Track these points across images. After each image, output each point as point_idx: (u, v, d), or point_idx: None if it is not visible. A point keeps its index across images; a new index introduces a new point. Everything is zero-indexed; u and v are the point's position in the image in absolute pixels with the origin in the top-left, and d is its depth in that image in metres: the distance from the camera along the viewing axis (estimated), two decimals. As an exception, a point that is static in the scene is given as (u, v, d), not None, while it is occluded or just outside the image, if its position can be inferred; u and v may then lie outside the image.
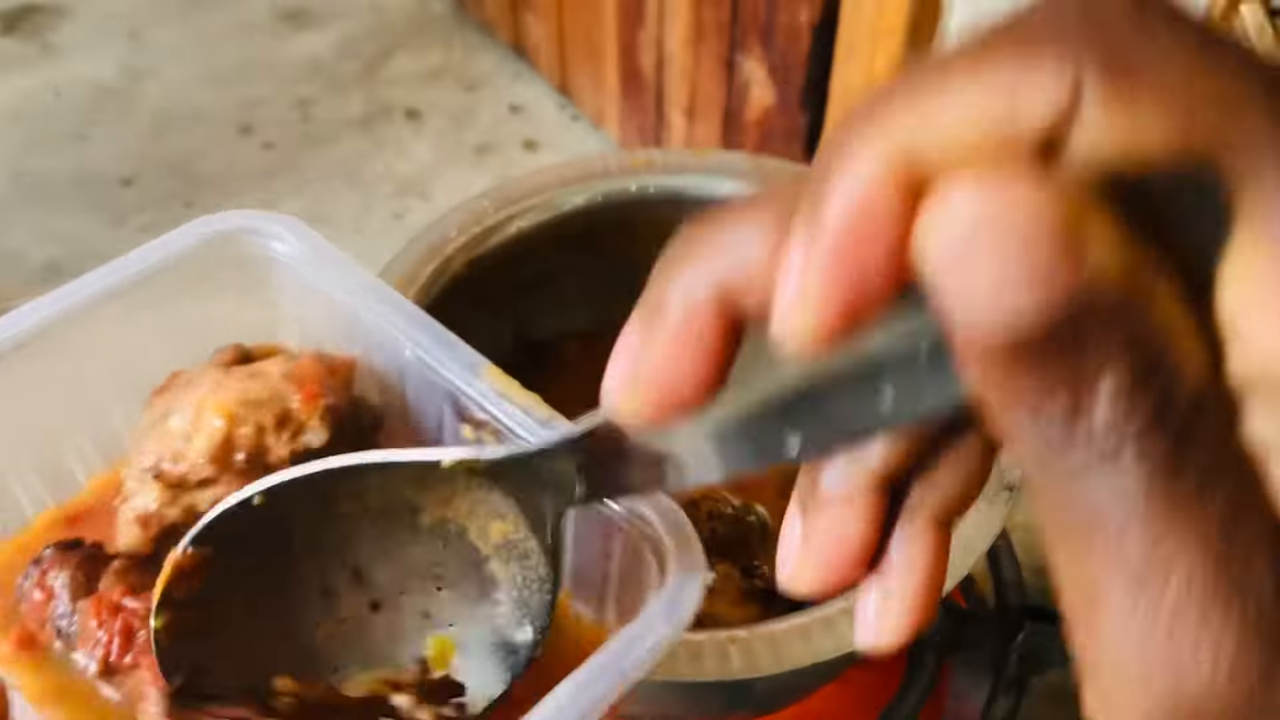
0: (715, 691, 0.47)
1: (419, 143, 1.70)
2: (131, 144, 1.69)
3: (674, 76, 1.43)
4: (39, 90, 1.78)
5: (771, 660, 0.42)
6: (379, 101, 1.77)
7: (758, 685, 0.47)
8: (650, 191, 0.60)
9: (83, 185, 1.63)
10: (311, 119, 1.74)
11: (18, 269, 1.50)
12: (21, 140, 1.70)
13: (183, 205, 1.59)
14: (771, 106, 1.28)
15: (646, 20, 1.42)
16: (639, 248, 0.62)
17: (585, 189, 0.60)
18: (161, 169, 1.65)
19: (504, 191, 0.59)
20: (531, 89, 1.78)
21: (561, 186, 0.59)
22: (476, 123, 1.74)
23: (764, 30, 1.24)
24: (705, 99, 1.39)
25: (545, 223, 0.59)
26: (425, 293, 0.55)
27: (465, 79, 1.81)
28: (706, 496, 0.54)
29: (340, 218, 1.59)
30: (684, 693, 0.47)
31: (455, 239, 0.57)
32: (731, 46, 1.30)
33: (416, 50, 1.86)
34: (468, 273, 0.57)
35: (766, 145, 1.31)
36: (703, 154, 0.61)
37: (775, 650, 0.42)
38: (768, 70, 1.26)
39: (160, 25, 1.91)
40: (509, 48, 1.83)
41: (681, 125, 1.46)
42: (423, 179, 1.65)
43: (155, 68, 1.83)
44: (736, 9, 1.26)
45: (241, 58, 1.85)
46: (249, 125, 1.73)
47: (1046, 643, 0.55)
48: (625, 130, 1.60)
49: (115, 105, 1.76)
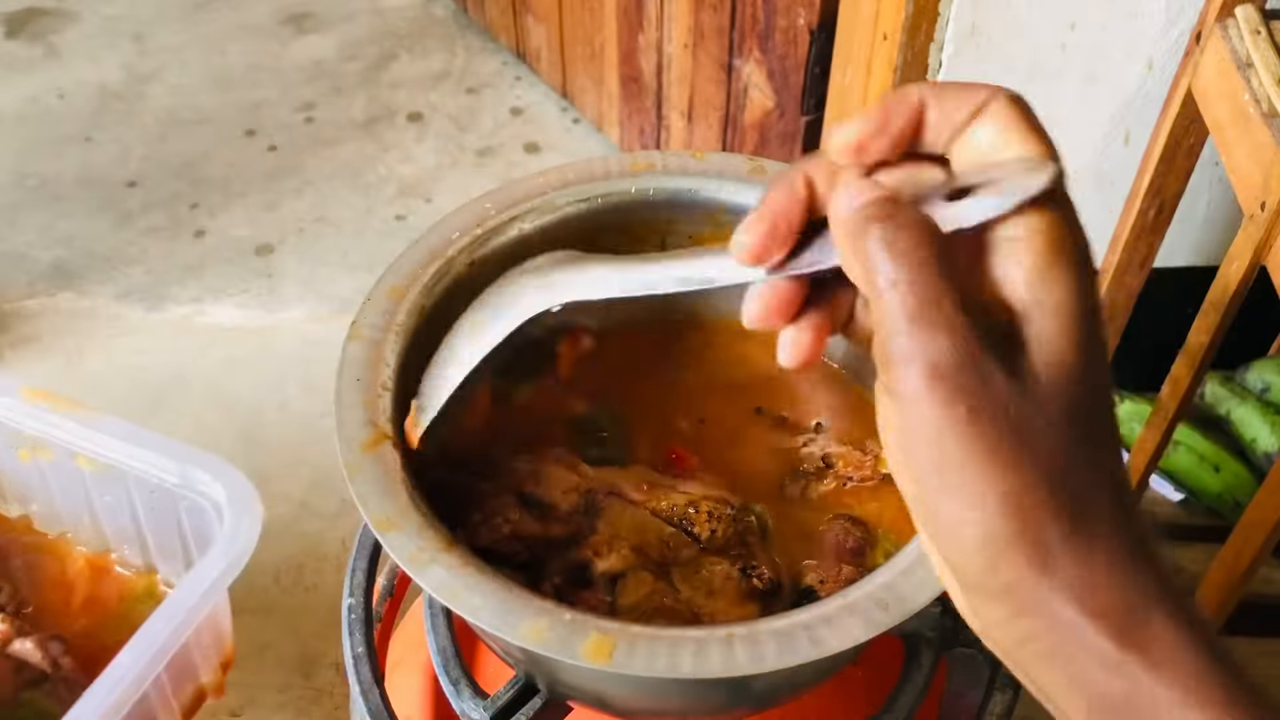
0: (716, 688, 0.47)
1: (421, 145, 1.71)
2: (136, 146, 1.70)
3: (674, 80, 1.43)
4: (44, 93, 1.79)
5: (773, 656, 0.43)
6: (382, 104, 1.78)
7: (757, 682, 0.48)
8: (651, 193, 0.60)
9: (88, 187, 1.64)
10: (315, 122, 1.75)
11: (24, 270, 1.51)
12: (26, 143, 1.70)
13: (187, 207, 1.60)
14: (770, 109, 1.29)
15: (646, 24, 1.43)
16: (640, 249, 0.63)
17: (586, 191, 0.60)
18: (166, 171, 1.66)
19: (506, 193, 0.59)
20: (533, 92, 1.79)
21: (563, 188, 0.60)
22: (478, 125, 1.75)
23: (763, 34, 1.24)
24: (705, 102, 1.40)
25: (547, 224, 0.59)
26: (427, 294, 0.55)
27: (467, 82, 1.82)
28: (706, 496, 0.54)
29: (343, 219, 1.60)
30: (685, 689, 0.48)
31: (457, 240, 0.57)
32: (730, 50, 1.31)
33: (419, 54, 1.87)
34: (469, 274, 0.57)
35: (765, 147, 1.32)
36: (703, 156, 0.62)
37: (776, 646, 0.43)
38: (766, 74, 1.27)
39: (164, 28, 1.92)
40: (510, 51, 1.84)
41: (681, 128, 1.47)
42: (425, 181, 1.66)
43: (160, 71, 1.83)
44: (735, 13, 1.27)
45: (245, 61, 1.85)
46: (253, 128, 1.73)
47: (1042, 640, 0.55)
48: (625, 133, 1.61)
49: (120, 108, 1.76)
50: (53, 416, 0.88)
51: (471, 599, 0.44)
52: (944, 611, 0.56)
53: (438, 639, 0.57)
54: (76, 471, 0.90)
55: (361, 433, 0.49)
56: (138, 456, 0.86)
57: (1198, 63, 0.86)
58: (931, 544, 0.33)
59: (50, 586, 0.96)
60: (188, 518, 0.88)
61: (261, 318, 1.46)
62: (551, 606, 0.44)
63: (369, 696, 0.58)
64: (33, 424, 0.89)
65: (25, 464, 0.94)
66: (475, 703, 0.53)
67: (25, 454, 0.93)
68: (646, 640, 0.43)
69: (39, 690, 0.82)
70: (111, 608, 0.96)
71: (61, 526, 0.99)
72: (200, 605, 0.76)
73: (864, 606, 0.44)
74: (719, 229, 0.62)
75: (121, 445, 0.86)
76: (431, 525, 0.47)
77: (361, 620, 0.61)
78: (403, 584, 0.69)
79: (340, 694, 1.07)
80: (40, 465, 0.93)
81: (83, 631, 0.94)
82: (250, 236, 1.56)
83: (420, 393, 0.50)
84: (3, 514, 1.01)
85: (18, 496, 0.99)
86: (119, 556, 0.98)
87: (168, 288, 1.49)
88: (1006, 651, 0.33)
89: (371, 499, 0.47)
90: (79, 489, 0.93)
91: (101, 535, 0.97)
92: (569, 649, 0.43)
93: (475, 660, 0.64)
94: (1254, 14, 0.83)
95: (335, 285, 1.50)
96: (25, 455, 0.93)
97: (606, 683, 0.49)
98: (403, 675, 0.67)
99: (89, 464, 0.89)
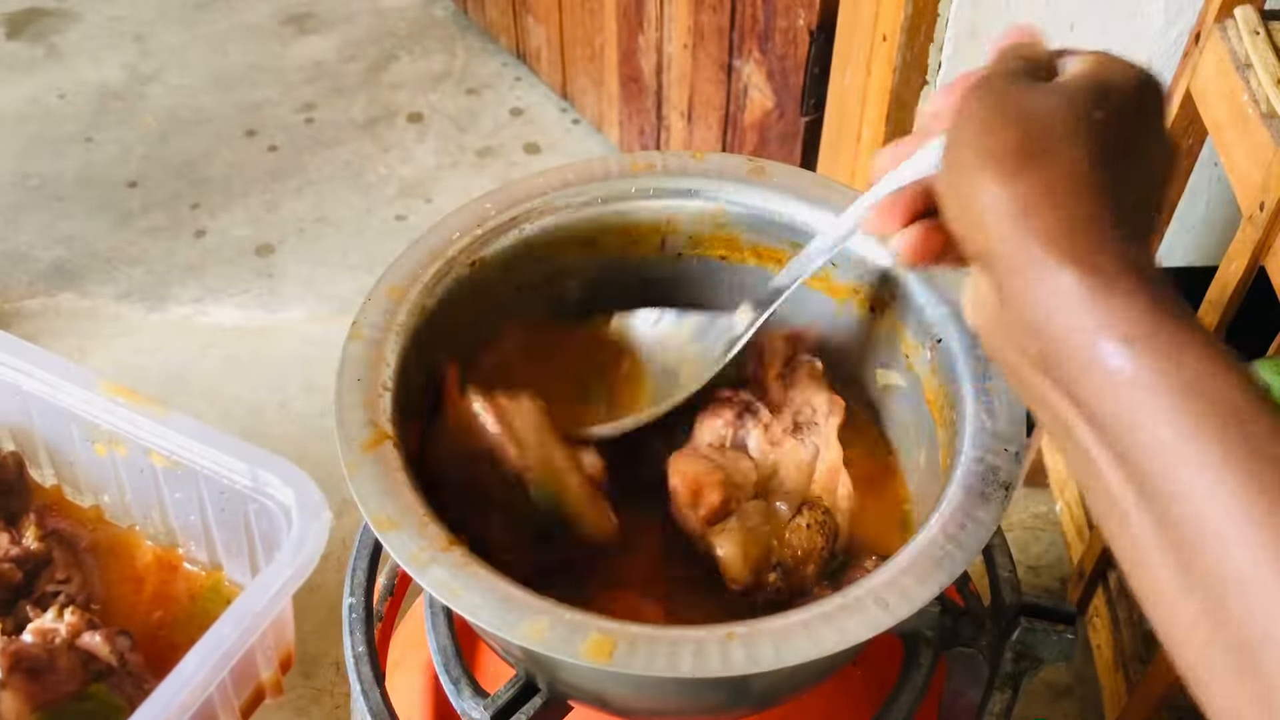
0: (715, 688, 0.48)
1: (421, 146, 1.71)
2: (137, 146, 1.70)
3: (674, 80, 1.44)
4: (45, 93, 1.79)
5: (773, 656, 0.43)
6: (382, 105, 1.78)
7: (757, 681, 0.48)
8: (650, 194, 0.61)
9: (89, 187, 1.64)
10: (315, 122, 1.75)
11: (25, 270, 1.51)
12: (28, 143, 1.71)
13: (188, 207, 1.60)
14: (770, 109, 1.29)
15: (646, 25, 1.43)
16: (640, 249, 0.63)
17: (586, 191, 0.60)
18: (167, 171, 1.66)
19: (506, 194, 0.59)
20: (533, 93, 1.79)
21: (563, 188, 0.60)
22: (478, 126, 1.75)
23: (762, 35, 1.24)
24: (704, 102, 1.40)
25: (547, 225, 0.60)
26: (428, 294, 0.56)
27: (467, 83, 1.82)
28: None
29: (343, 219, 1.60)
30: (685, 689, 0.48)
31: (457, 241, 0.57)
32: (730, 51, 1.31)
33: (419, 54, 1.87)
34: (470, 274, 0.57)
35: (765, 148, 1.32)
36: (702, 156, 0.62)
37: (776, 646, 0.43)
38: (766, 74, 1.27)
39: (165, 29, 1.92)
40: (510, 52, 1.84)
41: (681, 128, 1.47)
42: (425, 181, 1.66)
43: (160, 71, 1.83)
44: (735, 13, 1.27)
45: (246, 62, 1.86)
46: (253, 128, 1.73)
47: (1042, 639, 0.55)
48: (625, 133, 1.61)
49: (121, 108, 1.76)
50: (128, 412, 0.88)
51: (471, 598, 0.44)
52: (944, 611, 0.57)
53: (438, 638, 0.57)
54: (149, 467, 0.91)
55: (362, 433, 0.50)
56: (210, 456, 0.87)
57: (1196, 63, 0.87)
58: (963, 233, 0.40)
59: (119, 579, 0.98)
60: (255, 519, 0.88)
61: (262, 318, 1.46)
62: (551, 606, 0.44)
63: (369, 696, 0.58)
64: (109, 419, 0.89)
65: (100, 457, 0.94)
66: (475, 702, 0.53)
67: (101, 448, 0.94)
68: (646, 640, 0.43)
69: (106, 683, 0.84)
70: (179, 603, 0.97)
71: (131, 520, 1.00)
72: (267, 610, 0.77)
73: (864, 606, 0.45)
74: (719, 229, 0.62)
75: (194, 444, 0.87)
76: (432, 524, 0.47)
77: (362, 619, 0.61)
78: (403, 583, 0.69)
79: (340, 693, 1.07)
80: (114, 459, 0.94)
81: (150, 626, 0.95)
82: (250, 236, 1.56)
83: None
84: (75, 503, 1.02)
85: (90, 487, 1.00)
86: (185, 552, 0.99)
87: (168, 288, 1.49)
88: (1022, 348, 0.37)
89: (372, 498, 0.47)
90: (150, 484, 0.94)
91: (170, 531, 0.98)
92: (569, 648, 0.43)
93: (475, 659, 0.64)
94: (1253, 15, 0.83)
95: (335, 285, 1.50)
96: (101, 450, 0.94)
97: (607, 682, 0.49)
98: (403, 674, 0.67)
99: (162, 461, 0.90)
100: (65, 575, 0.93)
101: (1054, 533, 1.18)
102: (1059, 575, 1.15)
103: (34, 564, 0.92)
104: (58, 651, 0.83)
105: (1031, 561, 1.16)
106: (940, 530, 0.47)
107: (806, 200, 0.60)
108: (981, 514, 0.47)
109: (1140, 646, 0.97)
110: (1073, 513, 1.12)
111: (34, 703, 0.79)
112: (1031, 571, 1.15)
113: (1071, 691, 1.08)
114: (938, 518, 0.48)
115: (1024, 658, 0.56)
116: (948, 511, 0.48)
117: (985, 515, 0.47)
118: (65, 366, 0.90)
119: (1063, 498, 1.15)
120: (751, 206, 0.61)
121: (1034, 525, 1.19)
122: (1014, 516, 1.19)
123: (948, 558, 0.46)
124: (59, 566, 0.93)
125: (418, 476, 0.49)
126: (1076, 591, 1.05)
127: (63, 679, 0.81)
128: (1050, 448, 1.20)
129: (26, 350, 0.91)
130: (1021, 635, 0.55)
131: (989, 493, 0.48)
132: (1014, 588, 0.59)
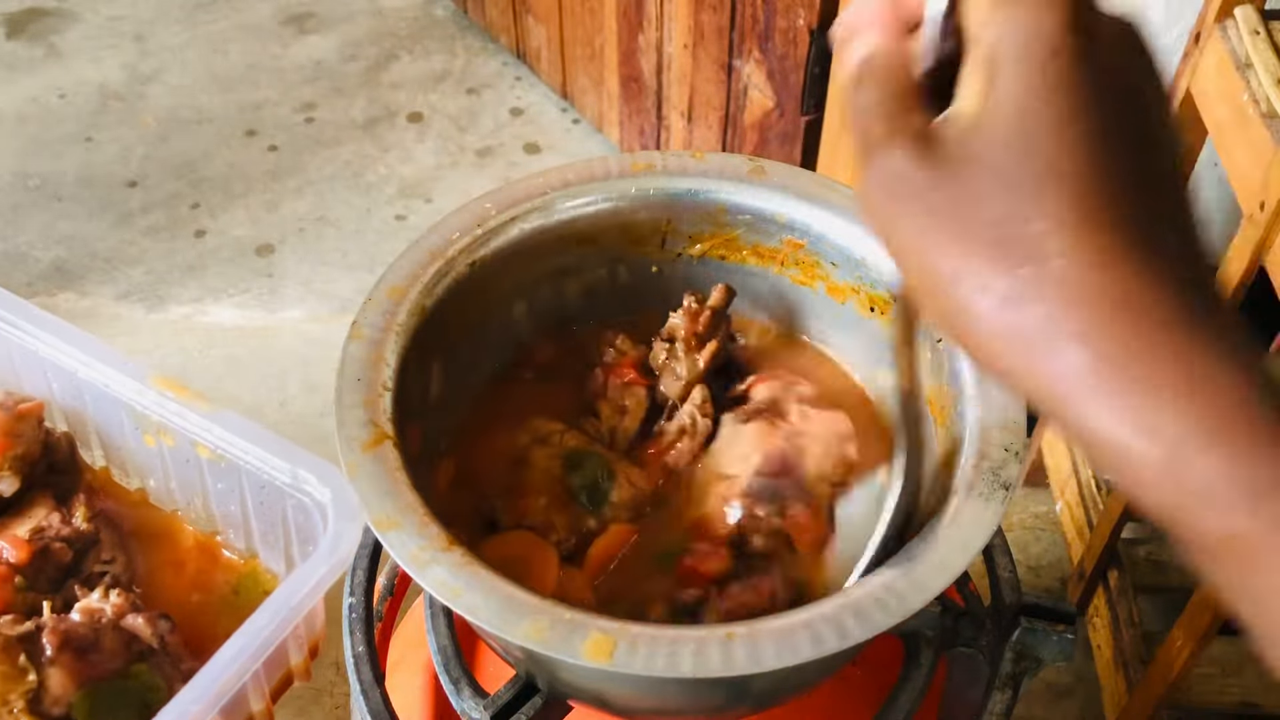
0: (715, 688, 0.48)
1: (421, 145, 1.71)
2: (137, 146, 1.70)
3: (674, 80, 1.44)
4: (45, 93, 1.79)
5: (773, 656, 0.43)
6: (382, 105, 1.78)
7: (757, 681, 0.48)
8: (651, 194, 0.61)
9: (89, 187, 1.64)
10: (315, 122, 1.75)
11: (24, 270, 1.51)
12: (28, 143, 1.71)
13: (188, 207, 1.60)
14: (770, 109, 1.29)
15: (646, 25, 1.43)
16: (640, 249, 0.63)
17: (586, 191, 0.60)
18: (167, 171, 1.66)
19: (506, 194, 0.59)
20: (533, 93, 1.79)
21: (563, 188, 0.60)
22: (478, 126, 1.75)
23: (762, 34, 1.24)
24: (704, 102, 1.40)
25: (547, 225, 0.60)
26: (427, 294, 0.56)
27: (467, 83, 1.82)
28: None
29: (343, 219, 1.60)
30: (685, 689, 0.48)
31: (457, 241, 0.57)
32: (730, 50, 1.31)
33: (419, 54, 1.87)
34: (470, 274, 0.57)
35: (765, 147, 1.32)
36: (702, 156, 0.62)
37: (776, 646, 0.43)
38: (766, 74, 1.27)
39: (165, 29, 1.92)
40: (510, 52, 1.84)
41: (681, 128, 1.47)
42: (425, 181, 1.66)
43: (160, 71, 1.83)
44: (735, 13, 1.27)
45: (246, 61, 1.86)
46: (253, 128, 1.73)
47: (1042, 639, 0.55)
48: (625, 133, 1.61)
49: (121, 108, 1.76)
50: (177, 406, 0.93)
51: (471, 598, 0.44)
52: (944, 611, 0.56)
53: (438, 638, 0.57)
54: (195, 458, 0.96)
55: (362, 432, 0.50)
56: (253, 453, 0.91)
57: (1197, 63, 0.87)
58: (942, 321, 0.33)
59: (160, 563, 1.02)
60: (293, 514, 0.93)
61: (262, 318, 1.46)
62: (551, 606, 0.44)
63: (369, 696, 0.58)
64: (159, 410, 0.94)
65: (149, 446, 0.99)
66: (475, 702, 0.53)
67: (150, 438, 0.98)
68: (646, 640, 0.43)
69: (147, 663, 0.87)
70: (218, 589, 1.01)
71: (174, 504, 1.04)
72: (302, 604, 0.82)
73: (864, 606, 0.45)
74: (719, 229, 0.62)
75: (239, 440, 0.91)
76: (432, 524, 0.47)
77: (362, 619, 0.61)
78: (403, 583, 0.69)
79: (340, 693, 1.07)
80: (162, 448, 0.98)
81: (189, 608, 0.99)
82: (250, 236, 1.56)
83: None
84: (122, 485, 1.07)
85: (137, 471, 1.05)
86: (225, 540, 1.03)
87: (168, 288, 1.49)
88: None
89: (372, 498, 0.47)
90: (194, 474, 0.98)
91: (211, 518, 1.02)
92: (569, 648, 0.43)
93: (475, 660, 0.64)
94: (1253, 14, 0.83)
95: (335, 285, 1.50)
96: (150, 440, 0.98)
97: (607, 682, 0.49)
98: (403, 674, 0.67)
99: (207, 453, 0.94)
100: (110, 556, 0.97)
101: (1054, 533, 1.18)
102: (1059, 575, 1.15)
103: (83, 543, 0.95)
104: (103, 631, 0.86)
105: (1031, 561, 1.16)
106: (941, 530, 0.47)
107: (806, 200, 0.60)
108: (982, 514, 0.47)
109: (1140, 646, 0.97)
110: (1073, 513, 1.12)
111: (79, 680, 0.82)
112: (1031, 571, 1.15)
113: (1072, 691, 1.08)
114: (938, 518, 0.48)
115: (1024, 658, 0.56)
116: (948, 511, 0.48)
117: (985, 515, 0.47)
118: (119, 359, 0.96)
119: (1063, 498, 1.15)
120: (751, 206, 0.61)
121: (1034, 525, 1.19)
122: (1014, 516, 1.19)
123: (948, 558, 0.46)
124: (105, 547, 0.97)
125: (418, 477, 0.49)
126: (1076, 591, 1.05)
127: (106, 658, 0.85)
128: (1050, 447, 1.20)
129: (84, 340, 0.97)
130: (1021, 635, 0.55)
131: (989, 493, 0.48)
132: (1014, 588, 0.59)
